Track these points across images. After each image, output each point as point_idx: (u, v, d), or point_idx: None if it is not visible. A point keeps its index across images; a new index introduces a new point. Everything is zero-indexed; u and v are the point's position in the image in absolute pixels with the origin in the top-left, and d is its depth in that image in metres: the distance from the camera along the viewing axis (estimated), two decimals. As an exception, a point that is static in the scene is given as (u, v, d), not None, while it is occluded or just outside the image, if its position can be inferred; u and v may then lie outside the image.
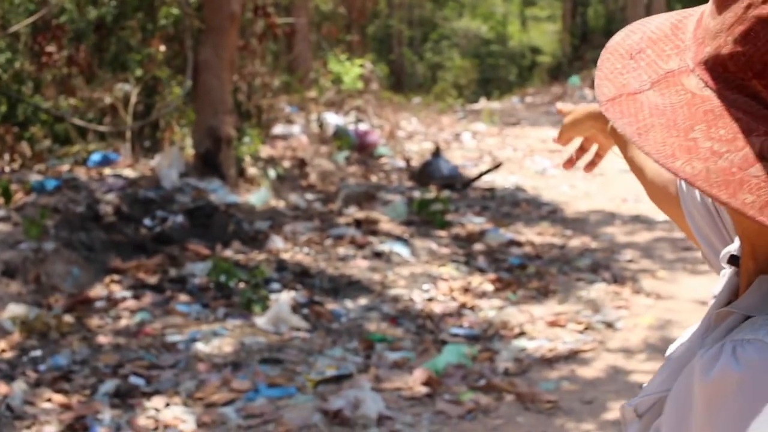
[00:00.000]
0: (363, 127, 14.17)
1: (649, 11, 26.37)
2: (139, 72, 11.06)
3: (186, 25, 9.44)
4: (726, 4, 0.81)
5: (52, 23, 11.21)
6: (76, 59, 10.98)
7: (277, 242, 7.34)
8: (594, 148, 1.83)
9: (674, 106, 0.81)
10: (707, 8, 0.86)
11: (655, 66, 0.86)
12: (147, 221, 7.38)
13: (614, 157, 1.91)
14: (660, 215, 10.13)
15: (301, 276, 6.59)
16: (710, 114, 0.79)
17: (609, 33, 23.26)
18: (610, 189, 11.94)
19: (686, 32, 0.88)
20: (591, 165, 1.82)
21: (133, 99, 10.54)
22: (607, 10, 39.51)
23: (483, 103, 27.30)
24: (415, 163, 12.84)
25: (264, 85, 12.57)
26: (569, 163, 1.79)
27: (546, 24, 49.22)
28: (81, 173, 8.86)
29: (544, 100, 26.62)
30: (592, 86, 27.44)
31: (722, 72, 0.80)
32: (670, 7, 31.87)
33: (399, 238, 7.83)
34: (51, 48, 10.82)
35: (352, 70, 19.56)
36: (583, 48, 37.23)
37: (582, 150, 1.82)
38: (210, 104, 8.79)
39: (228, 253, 7.07)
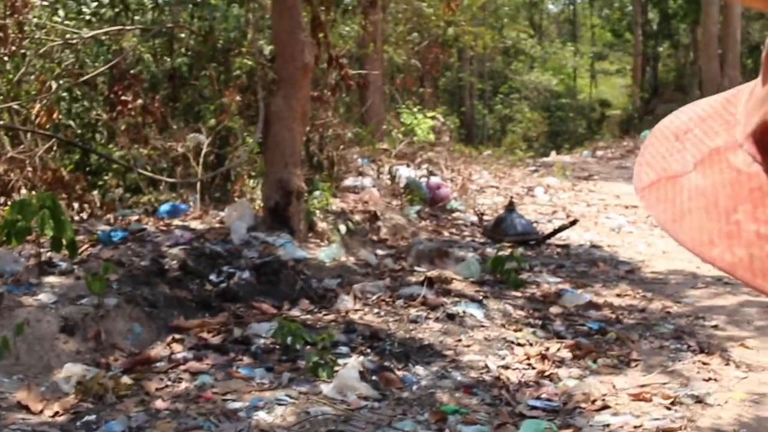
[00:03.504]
0: (435, 180, 13.92)
1: (722, 65, 25.89)
2: (212, 122, 10.98)
3: (259, 75, 9.30)
4: None
5: (128, 73, 11.21)
6: (150, 108, 10.95)
7: (346, 301, 7.08)
8: None
9: (716, 186, 0.66)
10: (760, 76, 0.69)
11: (701, 145, 0.71)
12: (213, 276, 7.18)
13: None
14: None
15: (370, 339, 6.31)
16: (757, 192, 0.63)
17: (680, 87, 22.92)
18: (689, 249, 11.51)
19: (738, 105, 0.72)
20: None
21: (205, 149, 10.43)
22: (678, 64, 39.02)
23: (553, 157, 26.95)
24: (488, 217, 12.55)
25: (336, 136, 12.41)
26: None
27: (615, 78, 48.86)
28: (149, 224, 8.73)
29: (615, 154, 26.17)
30: (666, 140, 26.85)
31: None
32: (742, 63, 31.31)
33: (473, 299, 7.52)
34: (126, 97, 10.80)
35: (424, 122, 19.42)
36: (654, 102, 36.77)
37: None
38: (281, 156, 8.61)
39: (295, 312, 6.83)
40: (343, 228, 9.36)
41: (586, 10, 50.48)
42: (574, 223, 11.69)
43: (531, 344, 6.68)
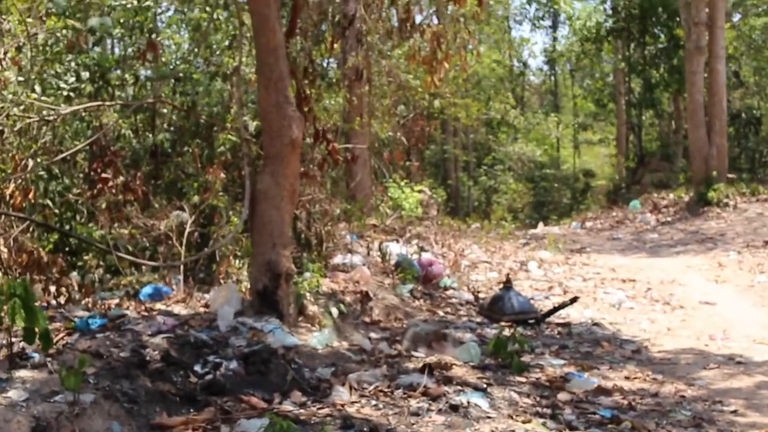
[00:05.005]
0: (426, 256, 13.50)
1: (708, 133, 25.73)
2: (195, 199, 10.59)
3: (244, 151, 8.90)
4: None
5: (108, 149, 10.81)
6: (131, 186, 10.55)
7: (341, 393, 6.57)
8: None
9: None
10: None
11: None
12: (198, 367, 6.67)
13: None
14: (757, 355, 9.26)
15: (370, 435, 5.81)
16: None
17: (665, 156, 22.84)
18: (693, 324, 11.10)
19: None
20: None
21: (188, 228, 10.00)
22: (661, 133, 39.00)
23: (542, 228, 26.64)
24: (484, 295, 12.12)
25: (324, 212, 12.01)
26: None
27: (598, 147, 48.95)
28: (130, 308, 8.25)
29: (605, 225, 25.90)
30: (652, 211, 26.77)
31: None
32: (734, 133, 31.23)
33: (476, 387, 7.03)
34: (107, 174, 10.39)
35: (411, 195, 19.08)
36: (640, 171, 36.65)
37: None
38: (268, 236, 8.16)
39: (287, 405, 6.32)
40: (335, 311, 8.90)
41: (567, 80, 50.73)
42: (574, 300, 11.26)
43: (542, 437, 6.20)
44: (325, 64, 16.99)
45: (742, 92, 37.08)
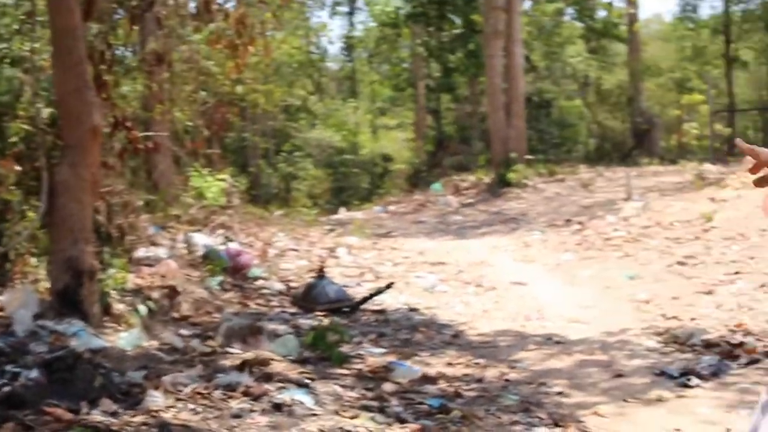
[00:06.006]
0: (233, 246, 13.05)
1: (508, 114, 26.28)
2: (-15, 196, 9.77)
3: (39, 142, 8.23)
4: None
5: None
6: None
7: (155, 398, 6.09)
8: None
9: None
10: None
11: None
12: (-6, 379, 6.06)
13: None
14: (573, 333, 9.34)
15: (190, 443, 5.38)
16: None
17: (464, 139, 23.06)
18: (506, 305, 11.15)
19: None
20: None
21: (-23, 227, 9.21)
22: (459, 116, 39.68)
23: (344, 213, 26.55)
24: (296, 284, 11.79)
25: (125, 204, 11.37)
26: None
27: (396, 132, 49.45)
28: None
29: (408, 208, 26.02)
30: (454, 193, 27.12)
31: None
32: (527, 115, 32.04)
33: (298, 384, 6.69)
34: None
35: (214, 184, 18.50)
36: (440, 154, 37.15)
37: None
38: (69, 231, 7.56)
39: (96, 415, 5.79)
40: (142, 308, 8.37)
41: (365, 66, 50.93)
42: (389, 286, 11.09)
43: (371, 432, 5.92)
44: (122, 50, 16.19)
45: (534, 76, 38.17)
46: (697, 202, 16.38)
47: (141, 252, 11.21)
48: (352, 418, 6.13)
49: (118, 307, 8.13)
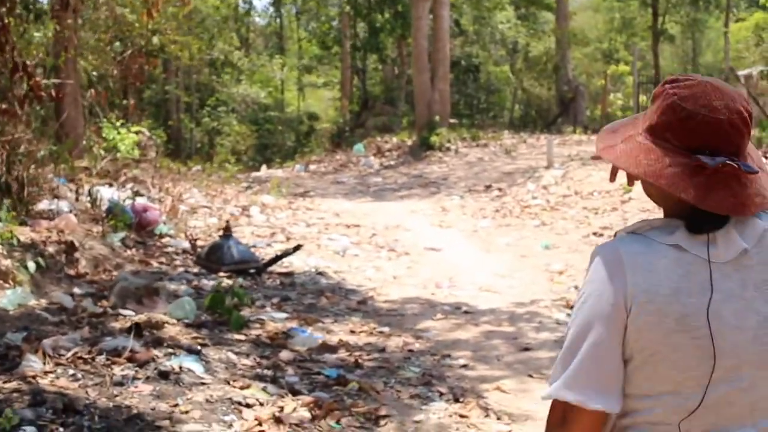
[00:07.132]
0: (141, 201, 12.58)
1: (432, 79, 26.02)
2: None
3: None
4: (655, 97, 1.90)
5: None
6: None
7: (33, 362, 5.70)
8: None
9: (631, 149, 1.90)
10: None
11: (624, 133, 1.94)
12: None
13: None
14: (483, 303, 9.13)
15: (64, 413, 5.00)
16: (646, 148, 1.86)
17: (389, 100, 22.79)
18: (419, 271, 10.90)
19: (640, 119, 1.95)
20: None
21: None
22: (385, 77, 39.31)
23: (265, 171, 26.11)
24: (202, 243, 11.39)
25: (28, 153, 10.86)
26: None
27: (323, 91, 48.96)
28: None
29: (329, 168, 25.68)
30: (376, 154, 26.79)
31: (652, 131, 1.87)
32: (455, 79, 31.73)
33: (190, 350, 6.35)
34: None
35: (128, 137, 17.95)
36: (365, 115, 36.79)
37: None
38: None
39: (-34, 380, 5.41)
40: (32, 265, 7.92)
41: (293, 23, 50.22)
42: (297, 248, 10.74)
43: (262, 404, 5.60)
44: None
45: (462, 40, 37.93)
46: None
47: (42, 205, 10.73)
48: (242, 388, 5.82)
49: (5, 263, 7.68)
